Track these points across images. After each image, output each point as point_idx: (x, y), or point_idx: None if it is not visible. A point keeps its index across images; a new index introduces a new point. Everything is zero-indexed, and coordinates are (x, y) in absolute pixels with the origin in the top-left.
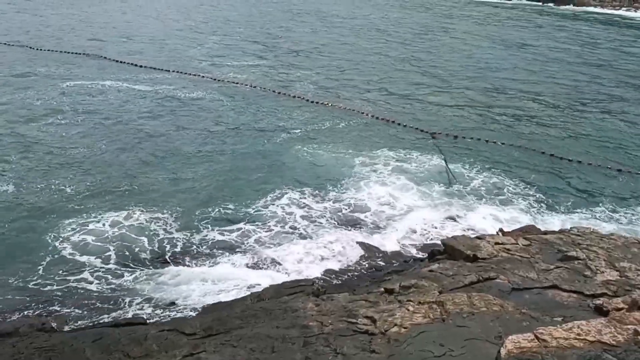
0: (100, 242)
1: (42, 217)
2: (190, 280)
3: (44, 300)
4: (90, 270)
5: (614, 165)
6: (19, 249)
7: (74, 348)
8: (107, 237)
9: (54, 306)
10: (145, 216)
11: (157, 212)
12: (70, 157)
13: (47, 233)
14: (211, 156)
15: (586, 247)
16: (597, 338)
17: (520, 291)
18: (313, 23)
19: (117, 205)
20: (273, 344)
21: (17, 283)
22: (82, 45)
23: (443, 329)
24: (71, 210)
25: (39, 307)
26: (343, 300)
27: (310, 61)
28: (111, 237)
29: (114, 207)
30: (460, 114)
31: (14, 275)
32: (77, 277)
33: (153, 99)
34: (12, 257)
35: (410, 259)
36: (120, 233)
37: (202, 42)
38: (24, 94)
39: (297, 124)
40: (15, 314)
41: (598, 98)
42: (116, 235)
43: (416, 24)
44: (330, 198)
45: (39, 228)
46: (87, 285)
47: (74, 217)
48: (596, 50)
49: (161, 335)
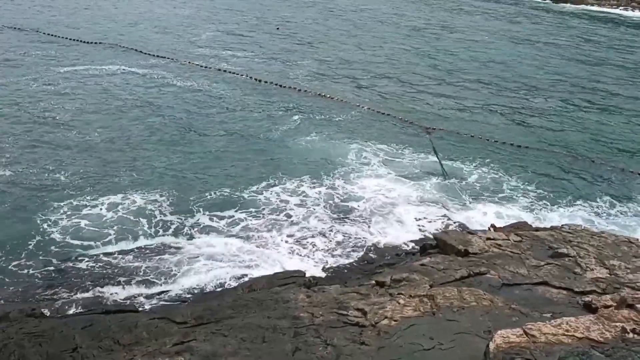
0: (94, 226)
1: (35, 200)
2: (182, 265)
3: (34, 286)
4: (82, 255)
5: (613, 162)
6: (11, 233)
7: (63, 334)
8: (101, 221)
9: (45, 292)
10: (141, 201)
11: (152, 196)
12: (67, 141)
13: (40, 217)
14: (208, 143)
15: (577, 245)
16: (586, 335)
17: (511, 287)
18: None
19: (112, 189)
20: (264, 334)
21: (8, 267)
22: (83, 30)
23: (433, 322)
24: (65, 195)
25: (29, 292)
26: (334, 292)
27: (310, 52)
28: (105, 222)
29: (109, 191)
30: (457, 110)
31: (4, 260)
32: (68, 263)
33: (152, 86)
34: (3, 241)
35: (402, 252)
36: (114, 217)
37: (202, 31)
38: (23, 77)
39: (294, 114)
40: (5, 299)
41: (598, 96)
42: (110, 219)
43: (419, 18)
44: (323, 189)
45: (31, 212)
46: (79, 271)
47: (67, 200)
48: (595, 47)
49: (152, 323)
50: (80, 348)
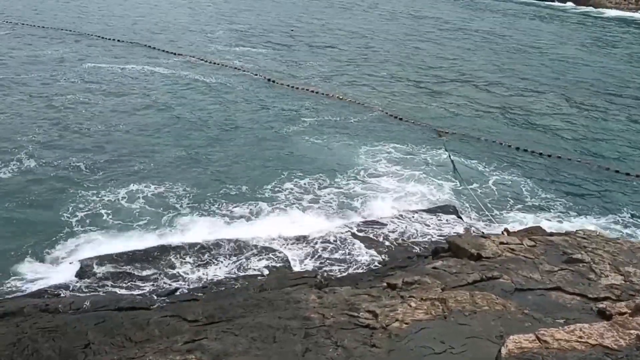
0: (111, 218)
1: (54, 194)
2: (195, 263)
3: (49, 280)
4: (96, 250)
5: (632, 170)
6: (29, 227)
7: (77, 330)
8: (119, 213)
9: (59, 287)
10: (156, 193)
11: (168, 189)
12: (89, 135)
13: (59, 210)
14: (221, 141)
15: (591, 250)
16: (599, 341)
17: (524, 292)
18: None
19: (129, 182)
20: (274, 334)
21: (23, 261)
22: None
23: (444, 326)
24: (85, 187)
25: (43, 287)
26: (345, 293)
27: (323, 54)
28: (121, 218)
29: (125, 184)
30: (472, 113)
31: (20, 253)
32: (82, 258)
33: (170, 84)
34: (18, 235)
35: (414, 255)
36: (131, 212)
37: (216, 30)
38: (48, 73)
39: (307, 115)
40: (19, 293)
41: (618, 103)
42: (127, 214)
43: (435, 18)
44: (334, 189)
45: (50, 205)
46: (92, 267)
47: (87, 192)
48: (616, 52)
49: (163, 321)
50: (93, 344)
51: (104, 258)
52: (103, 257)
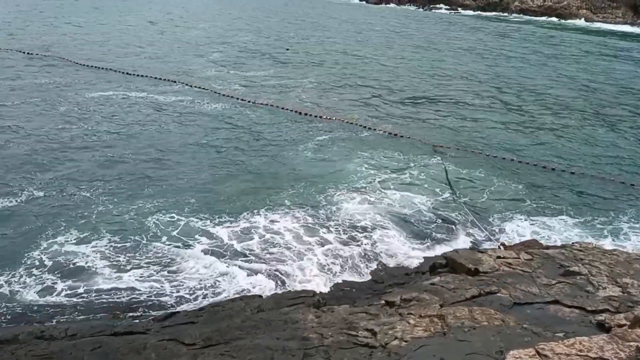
0: (103, 246)
1: (50, 220)
2: (191, 287)
3: (43, 307)
4: (92, 275)
5: (627, 180)
6: (21, 253)
7: (73, 356)
8: (113, 240)
9: (54, 313)
10: (152, 222)
11: (166, 213)
12: (88, 162)
13: (51, 237)
14: (218, 167)
15: (588, 263)
16: (599, 354)
17: (522, 306)
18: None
19: (127, 208)
20: (272, 356)
21: (17, 288)
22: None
23: (444, 342)
24: (79, 216)
25: (38, 314)
26: (343, 312)
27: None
28: (117, 240)
29: (124, 209)
30: (467, 127)
31: (14, 280)
32: (78, 283)
33: (166, 110)
34: (13, 261)
35: (412, 271)
36: (126, 235)
37: (209, 52)
38: (51, 101)
39: (301, 137)
40: (14, 320)
41: (615, 114)
42: (122, 237)
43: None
44: (332, 208)
45: (43, 232)
46: (89, 292)
47: (80, 221)
48: (610, 65)
49: (160, 345)
50: None
51: (100, 280)
52: (100, 279)
